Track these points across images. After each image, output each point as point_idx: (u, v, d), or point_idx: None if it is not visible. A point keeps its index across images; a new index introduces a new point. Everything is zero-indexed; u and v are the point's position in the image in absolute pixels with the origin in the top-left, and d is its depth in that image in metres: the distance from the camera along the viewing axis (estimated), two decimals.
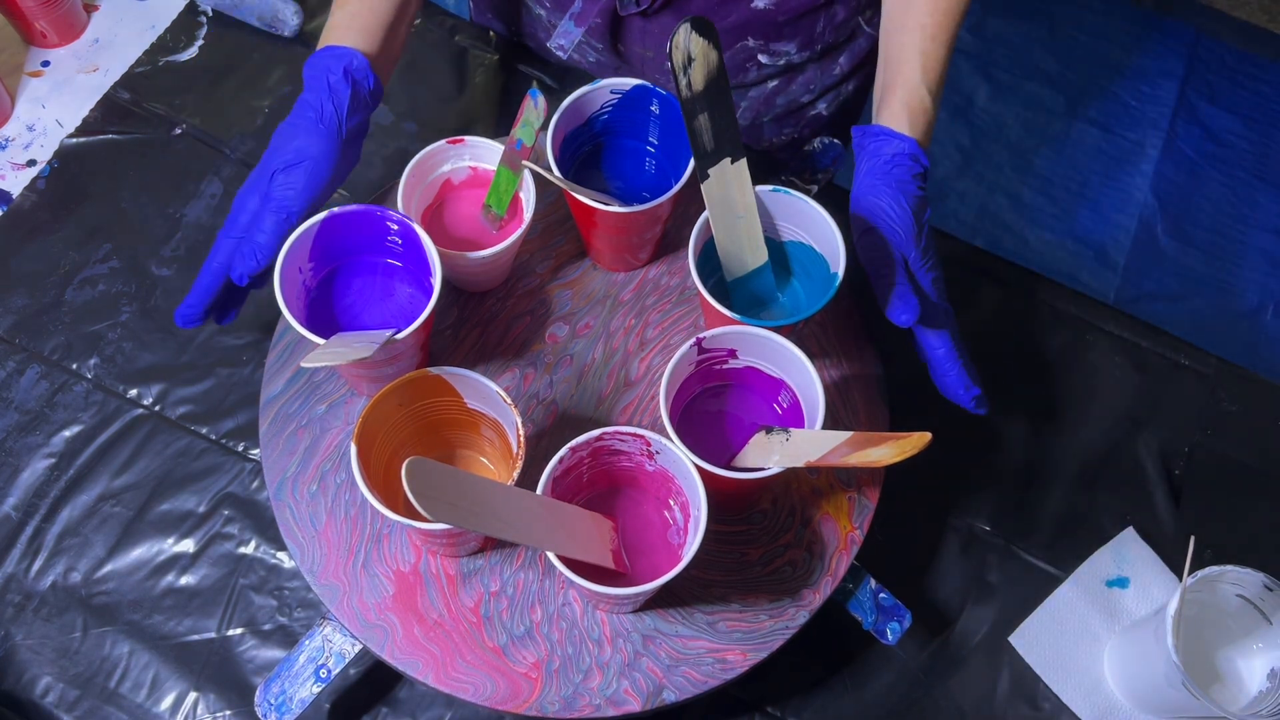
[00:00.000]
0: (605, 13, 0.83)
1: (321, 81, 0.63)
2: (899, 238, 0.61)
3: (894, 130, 0.63)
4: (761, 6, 0.80)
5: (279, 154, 0.63)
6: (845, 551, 0.66)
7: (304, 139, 0.63)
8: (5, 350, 0.77)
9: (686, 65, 0.59)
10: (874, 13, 0.86)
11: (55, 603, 0.70)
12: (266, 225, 0.62)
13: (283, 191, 0.62)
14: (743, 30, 0.82)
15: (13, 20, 0.87)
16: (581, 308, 0.73)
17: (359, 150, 0.67)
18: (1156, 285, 1.78)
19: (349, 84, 0.63)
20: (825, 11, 0.83)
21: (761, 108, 0.90)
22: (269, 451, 0.67)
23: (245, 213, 0.64)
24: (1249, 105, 1.94)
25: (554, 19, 0.88)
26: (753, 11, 0.80)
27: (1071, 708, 0.71)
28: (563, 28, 0.79)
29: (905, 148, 0.62)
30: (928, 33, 0.66)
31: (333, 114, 0.63)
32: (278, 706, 0.62)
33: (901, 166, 0.62)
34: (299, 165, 0.62)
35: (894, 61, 0.66)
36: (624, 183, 0.72)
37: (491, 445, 0.65)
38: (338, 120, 0.63)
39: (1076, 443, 0.79)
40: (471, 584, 0.64)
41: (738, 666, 0.63)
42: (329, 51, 0.64)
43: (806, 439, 0.58)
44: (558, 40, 0.81)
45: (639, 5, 0.80)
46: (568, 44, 0.81)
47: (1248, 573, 0.64)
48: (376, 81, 0.65)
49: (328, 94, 0.63)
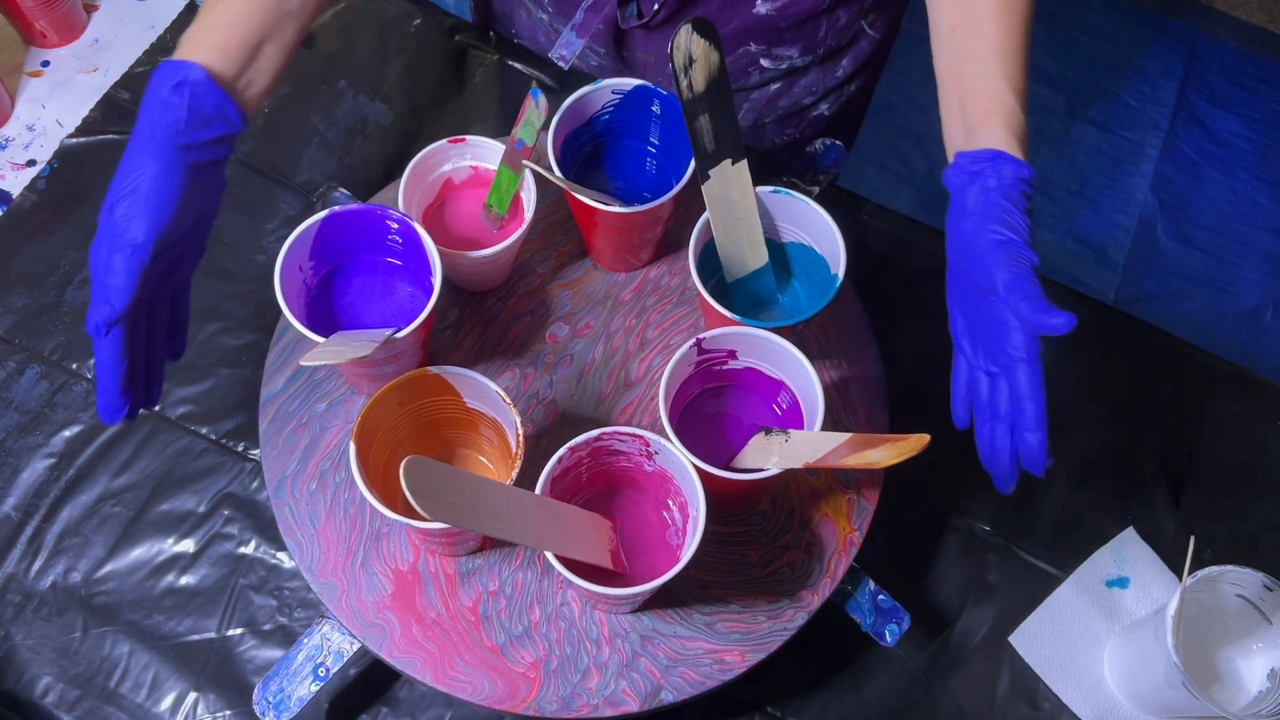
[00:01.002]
0: (608, 22, 0.83)
1: (150, 98, 0.57)
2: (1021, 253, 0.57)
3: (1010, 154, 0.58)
4: (763, 12, 0.80)
5: (116, 185, 0.56)
6: (844, 553, 0.66)
7: (135, 163, 0.56)
8: (5, 350, 0.77)
9: (688, 66, 0.59)
10: (876, 16, 0.86)
11: (55, 603, 0.70)
12: (115, 264, 0.55)
13: (125, 224, 0.55)
14: (745, 35, 0.82)
15: (13, 20, 0.87)
16: (582, 308, 0.73)
17: (220, 177, 0.60)
18: (1156, 285, 1.78)
19: (183, 99, 0.56)
20: (828, 16, 0.82)
21: (764, 109, 0.90)
22: (268, 450, 0.67)
23: (98, 262, 0.56)
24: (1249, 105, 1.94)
25: (555, 24, 0.88)
26: (754, 17, 0.80)
27: (1071, 708, 0.71)
28: (564, 39, 0.79)
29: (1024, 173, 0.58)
30: (1008, 58, 0.61)
31: (163, 132, 0.56)
32: (276, 705, 0.62)
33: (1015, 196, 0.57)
34: (135, 191, 0.56)
35: (976, 90, 0.61)
36: (625, 183, 0.72)
37: (491, 445, 0.65)
38: (171, 138, 0.56)
39: (1076, 443, 0.79)
40: (470, 583, 0.65)
41: (736, 667, 0.63)
42: (164, 66, 0.57)
43: (805, 440, 0.58)
44: (559, 51, 0.80)
45: (641, 18, 0.80)
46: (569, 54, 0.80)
47: (1248, 573, 0.64)
48: (223, 99, 0.58)
49: (158, 110, 0.56)
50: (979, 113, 0.60)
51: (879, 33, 0.88)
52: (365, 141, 0.86)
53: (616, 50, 0.87)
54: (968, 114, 0.61)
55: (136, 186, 0.56)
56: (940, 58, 0.64)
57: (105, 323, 0.56)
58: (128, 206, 0.55)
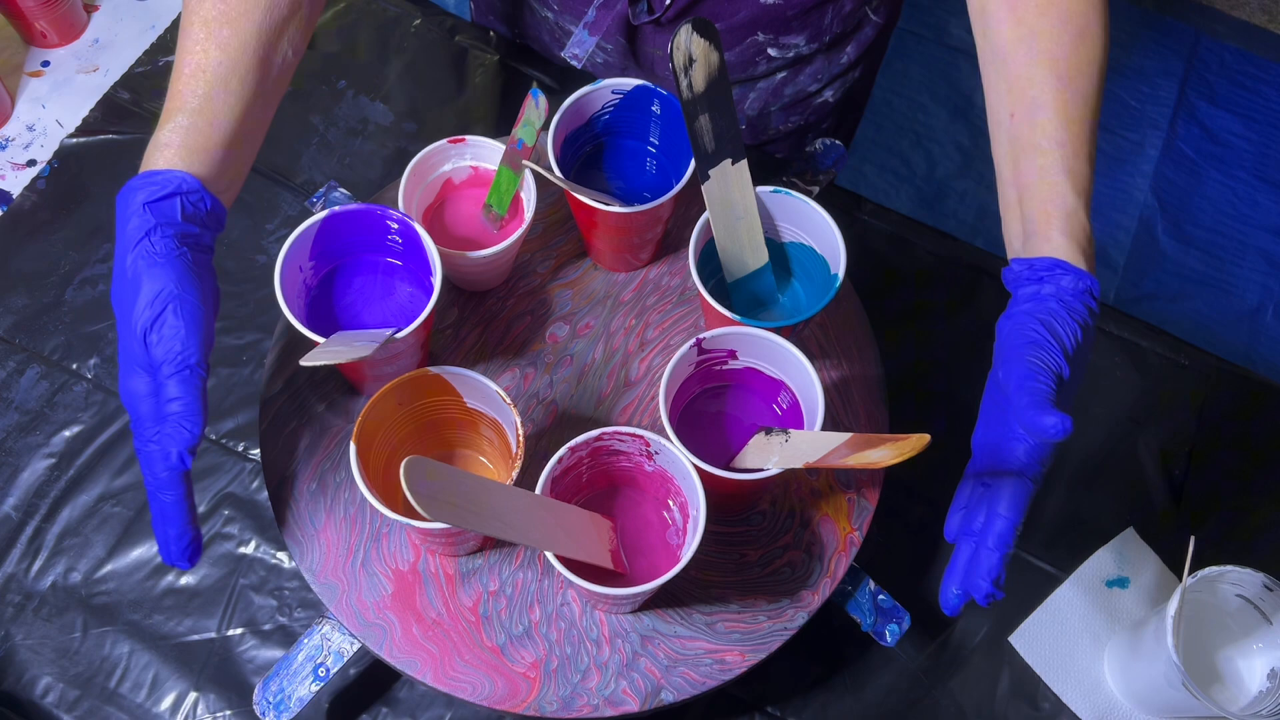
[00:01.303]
0: (618, 18, 0.83)
1: (138, 210, 0.53)
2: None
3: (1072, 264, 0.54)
4: (771, 2, 0.80)
5: (134, 317, 0.52)
6: (844, 553, 0.66)
7: (150, 283, 0.52)
8: (5, 350, 0.77)
9: (688, 66, 0.59)
10: (880, 1, 0.87)
11: (55, 603, 0.70)
12: (175, 391, 0.51)
13: (168, 346, 0.51)
14: (752, 26, 0.82)
15: (13, 20, 0.87)
16: (582, 308, 0.73)
17: (215, 278, 0.56)
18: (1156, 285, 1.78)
19: (175, 206, 0.53)
20: (833, 4, 0.83)
21: (770, 98, 0.91)
22: (268, 450, 0.67)
23: (141, 400, 0.52)
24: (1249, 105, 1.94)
25: (562, 21, 0.88)
26: (762, 7, 0.80)
27: (1071, 708, 0.71)
28: (577, 37, 0.78)
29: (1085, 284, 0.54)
30: (1069, 151, 0.56)
31: (165, 240, 0.53)
32: (276, 705, 0.62)
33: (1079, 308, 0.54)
34: (166, 309, 0.52)
35: (1035, 189, 0.57)
36: (625, 183, 0.72)
37: (491, 445, 0.65)
38: (176, 245, 0.53)
39: (1076, 443, 0.79)
40: (470, 583, 0.65)
41: (736, 667, 0.63)
42: (145, 178, 0.54)
43: (805, 440, 0.58)
44: (572, 50, 0.80)
45: (652, 14, 0.80)
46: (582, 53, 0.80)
47: (1248, 573, 0.64)
48: (215, 202, 0.55)
49: (152, 221, 0.53)
50: (1038, 215, 0.56)
51: (881, 18, 0.89)
52: (365, 141, 0.86)
53: (627, 46, 0.87)
54: (1026, 215, 0.56)
55: (164, 303, 0.52)
56: (998, 146, 0.59)
57: (187, 450, 0.51)
58: (163, 327, 0.52)
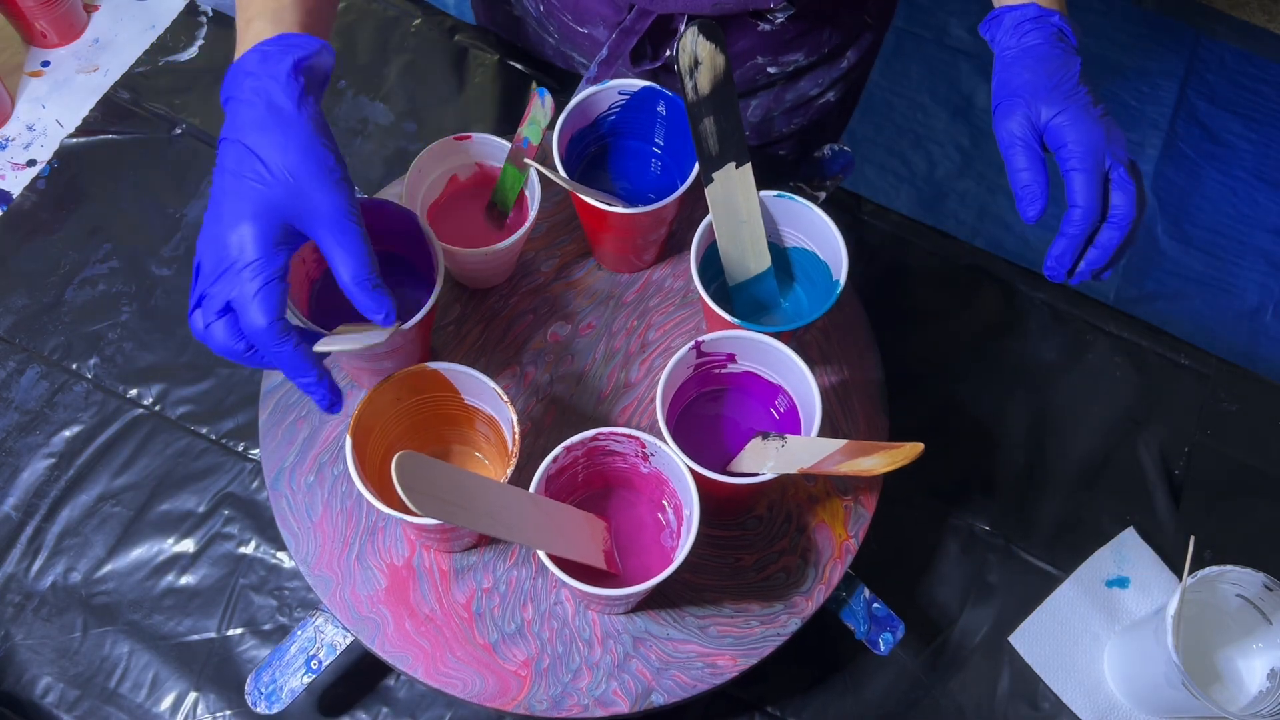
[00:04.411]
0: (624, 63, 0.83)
1: (288, 70, 0.52)
2: None
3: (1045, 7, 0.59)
4: (768, 30, 0.80)
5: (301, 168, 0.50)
6: (839, 560, 0.66)
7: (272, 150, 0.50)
8: (5, 350, 0.77)
9: (693, 69, 0.59)
10: (878, 9, 0.86)
11: (55, 603, 0.70)
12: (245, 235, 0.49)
13: (341, 203, 0.50)
14: (752, 51, 0.82)
15: (13, 20, 0.87)
16: (584, 308, 0.73)
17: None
18: (1156, 285, 1.78)
19: (323, 65, 0.53)
20: (831, 24, 0.83)
21: (772, 104, 0.91)
22: (268, 442, 0.67)
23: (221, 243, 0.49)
24: (1249, 105, 1.94)
25: (564, 48, 0.88)
26: (760, 35, 0.80)
27: (1071, 708, 0.71)
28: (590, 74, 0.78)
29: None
30: None
31: (312, 101, 0.51)
32: (268, 695, 0.62)
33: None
34: (342, 171, 0.51)
35: None
36: (629, 184, 0.72)
37: (487, 441, 0.65)
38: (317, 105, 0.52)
39: (1077, 443, 0.79)
40: (464, 580, 0.65)
41: (727, 671, 0.63)
42: (282, 42, 0.53)
43: (801, 445, 0.58)
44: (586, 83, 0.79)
45: (654, 63, 0.80)
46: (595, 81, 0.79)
47: (1248, 573, 0.64)
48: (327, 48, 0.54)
49: (303, 82, 0.51)
50: None
51: (879, 22, 0.88)
52: (365, 141, 0.86)
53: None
54: None
55: (341, 169, 0.51)
56: None
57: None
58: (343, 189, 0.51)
